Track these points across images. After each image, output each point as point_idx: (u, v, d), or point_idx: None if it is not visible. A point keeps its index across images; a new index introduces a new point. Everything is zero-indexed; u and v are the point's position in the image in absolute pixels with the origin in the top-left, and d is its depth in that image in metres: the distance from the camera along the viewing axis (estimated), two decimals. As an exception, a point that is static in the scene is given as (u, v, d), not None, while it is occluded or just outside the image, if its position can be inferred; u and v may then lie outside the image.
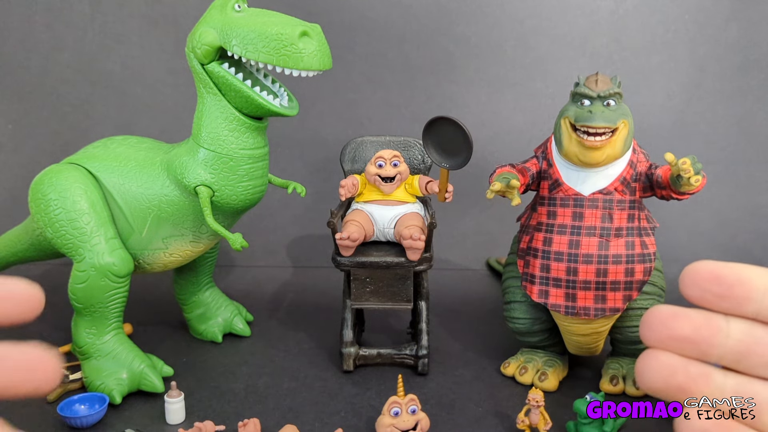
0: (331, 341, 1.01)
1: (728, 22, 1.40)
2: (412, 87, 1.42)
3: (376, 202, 0.93)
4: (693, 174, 0.71)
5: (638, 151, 0.80)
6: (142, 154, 0.88)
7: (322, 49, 0.76)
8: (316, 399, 0.84)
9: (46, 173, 0.86)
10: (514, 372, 0.89)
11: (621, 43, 1.41)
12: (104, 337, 0.85)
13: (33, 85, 1.44)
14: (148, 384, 0.84)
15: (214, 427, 0.75)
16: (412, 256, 0.85)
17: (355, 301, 0.89)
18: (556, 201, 0.81)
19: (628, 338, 0.84)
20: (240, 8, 0.78)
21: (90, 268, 0.82)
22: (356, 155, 1.00)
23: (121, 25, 1.42)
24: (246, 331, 1.04)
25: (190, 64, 0.80)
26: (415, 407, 0.73)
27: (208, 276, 1.04)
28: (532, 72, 1.42)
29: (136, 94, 1.44)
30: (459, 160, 0.81)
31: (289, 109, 0.82)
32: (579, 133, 0.76)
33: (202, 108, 0.82)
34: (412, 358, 0.91)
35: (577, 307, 0.80)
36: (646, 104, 1.41)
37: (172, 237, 0.87)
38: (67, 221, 0.83)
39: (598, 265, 0.78)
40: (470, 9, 1.41)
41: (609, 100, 0.76)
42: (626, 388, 0.85)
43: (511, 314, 0.89)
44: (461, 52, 1.42)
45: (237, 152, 0.81)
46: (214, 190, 0.82)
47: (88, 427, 0.77)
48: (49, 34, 1.43)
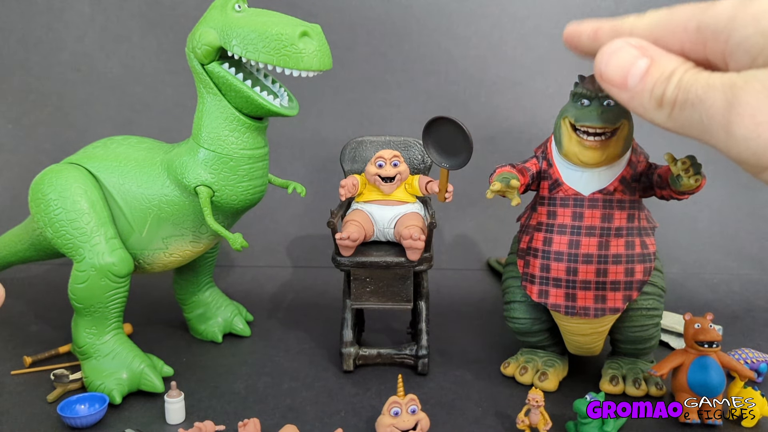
0: (331, 341, 1.01)
1: (728, 22, 1.40)
2: (412, 87, 1.42)
3: (376, 202, 0.93)
4: (693, 174, 0.71)
5: (638, 151, 0.80)
6: (142, 154, 0.88)
7: (322, 50, 0.76)
8: (316, 399, 0.84)
9: (46, 173, 0.86)
10: (514, 372, 0.90)
11: (621, 43, 1.41)
12: (104, 337, 0.85)
13: (33, 85, 1.44)
14: (148, 384, 0.84)
15: (214, 427, 0.75)
16: (412, 256, 0.85)
17: (355, 301, 0.90)
18: (556, 201, 0.81)
19: (628, 338, 0.84)
20: (240, 8, 0.78)
21: (90, 268, 0.82)
22: (356, 155, 1.00)
23: (121, 25, 1.42)
24: (246, 331, 1.04)
25: (190, 64, 0.80)
26: (415, 407, 0.73)
27: (208, 276, 1.04)
28: (532, 72, 1.42)
29: (136, 94, 1.44)
30: (459, 160, 0.81)
31: (289, 109, 0.82)
32: (579, 133, 0.76)
33: (202, 108, 0.82)
34: (412, 358, 0.91)
35: (577, 307, 0.80)
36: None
37: (172, 237, 0.87)
38: (67, 221, 0.83)
39: (598, 265, 0.78)
40: (470, 9, 1.41)
41: (609, 100, 0.76)
42: (626, 388, 0.85)
43: (511, 314, 0.89)
44: (461, 52, 1.42)
45: (237, 152, 0.81)
46: (214, 190, 0.82)
47: (88, 427, 0.77)
48: (49, 34, 1.43)
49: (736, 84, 0.42)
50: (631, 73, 0.51)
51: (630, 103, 0.51)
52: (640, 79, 0.50)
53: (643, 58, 0.51)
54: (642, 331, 0.83)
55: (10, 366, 0.93)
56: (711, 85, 0.44)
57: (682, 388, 0.77)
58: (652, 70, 0.50)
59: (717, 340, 0.77)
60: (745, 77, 0.41)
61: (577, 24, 0.50)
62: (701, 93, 0.45)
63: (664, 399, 0.83)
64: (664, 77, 0.48)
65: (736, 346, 0.97)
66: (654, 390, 0.84)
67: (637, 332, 0.83)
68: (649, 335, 0.84)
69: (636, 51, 0.51)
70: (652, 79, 0.50)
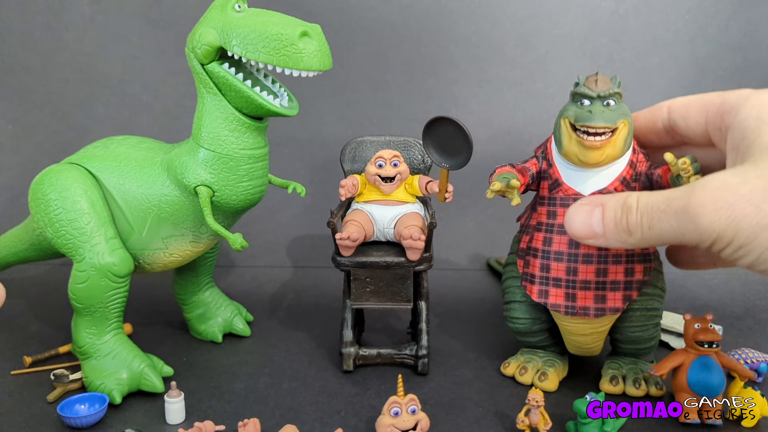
0: (331, 341, 1.01)
1: (728, 23, 1.40)
2: (412, 87, 1.42)
3: (376, 202, 0.93)
4: (692, 173, 0.71)
5: (638, 151, 0.80)
6: (142, 154, 0.88)
7: (322, 49, 0.76)
8: (316, 399, 0.84)
9: (46, 173, 0.86)
10: (514, 372, 0.90)
11: (621, 43, 1.41)
12: (104, 337, 0.85)
13: (33, 85, 1.44)
14: (148, 384, 0.84)
15: (214, 427, 0.75)
16: (412, 256, 0.85)
17: (355, 301, 0.90)
18: (556, 201, 0.81)
19: (628, 338, 0.84)
20: (240, 8, 0.78)
21: (90, 268, 0.82)
22: (356, 155, 1.00)
23: (121, 25, 1.42)
24: (246, 331, 1.04)
25: (190, 64, 0.80)
26: (415, 407, 0.73)
27: (208, 276, 1.04)
28: (532, 72, 1.42)
29: (136, 94, 1.44)
30: (459, 160, 0.81)
31: (289, 109, 0.82)
32: (579, 132, 0.76)
33: (202, 108, 0.82)
34: (412, 358, 0.91)
35: (577, 306, 0.80)
36: (646, 104, 1.41)
37: (172, 237, 0.87)
38: (67, 221, 0.83)
39: (597, 264, 0.78)
40: (470, 9, 1.41)
41: (609, 100, 0.76)
42: (626, 388, 0.85)
43: (511, 314, 0.89)
44: (461, 52, 1.42)
45: (237, 152, 0.81)
46: (214, 190, 0.82)
47: (88, 427, 0.77)
48: (49, 34, 1.43)
49: (695, 187, 0.54)
50: (593, 223, 0.64)
51: (608, 244, 0.64)
52: (602, 223, 0.64)
53: (596, 208, 0.66)
54: (642, 331, 0.84)
55: (10, 366, 0.93)
56: (671, 197, 0.57)
57: (682, 388, 0.77)
58: (606, 212, 0.63)
59: (717, 340, 0.77)
60: (701, 182, 0.54)
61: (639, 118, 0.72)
62: (664, 207, 0.57)
63: (664, 399, 0.83)
64: (620, 211, 0.61)
65: (736, 346, 0.97)
66: (654, 390, 0.84)
67: (637, 332, 0.83)
68: (649, 335, 0.84)
69: (588, 206, 0.65)
70: (611, 217, 0.62)
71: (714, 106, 0.66)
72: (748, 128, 0.57)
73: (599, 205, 0.64)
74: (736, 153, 0.58)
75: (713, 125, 0.66)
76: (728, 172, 0.54)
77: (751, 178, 0.52)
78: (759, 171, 0.52)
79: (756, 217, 0.50)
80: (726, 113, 0.63)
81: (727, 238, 0.52)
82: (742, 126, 0.58)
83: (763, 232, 0.50)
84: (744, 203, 0.51)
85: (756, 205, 0.51)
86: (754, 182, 0.51)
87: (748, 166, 0.54)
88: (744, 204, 0.51)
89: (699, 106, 0.69)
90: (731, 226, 0.51)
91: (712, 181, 0.53)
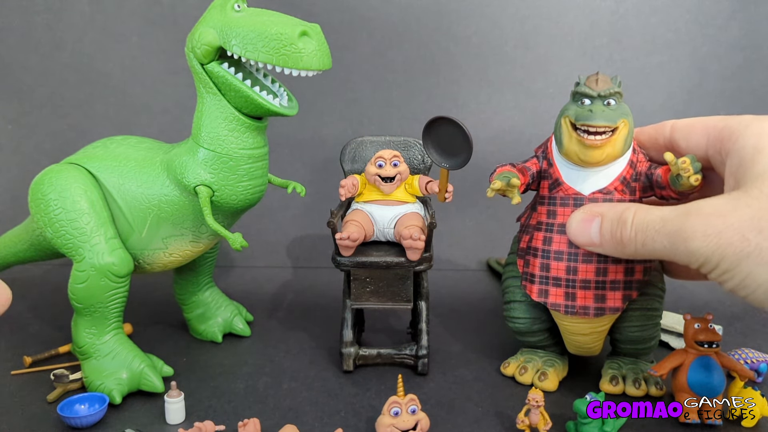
0: (331, 341, 1.01)
1: (729, 22, 1.40)
2: (412, 87, 1.42)
3: (376, 202, 0.93)
4: (693, 173, 0.71)
5: (638, 150, 0.80)
6: (142, 154, 0.88)
7: (322, 49, 0.76)
8: (316, 399, 0.84)
9: (46, 173, 0.86)
10: (514, 372, 0.89)
11: (621, 43, 1.41)
12: (104, 337, 0.85)
13: (33, 85, 1.44)
14: (148, 384, 0.84)
15: (214, 427, 0.75)
16: (412, 256, 0.85)
17: (355, 301, 0.89)
18: (556, 200, 0.81)
19: (628, 338, 0.84)
20: (240, 8, 0.78)
21: (90, 268, 0.82)
22: (356, 155, 1.00)
23: (121, 25, 1.42)
24: (246, 331, 1.04)
25: (190, 64, 0.80)
26: (415, 407, 0.73)
27: (208, 276, 1.04)
28: (532, 72, 1.42)
29: (136, 94, 1.44)
30: (459, 160, 0.81)
31: (289, 109, 0.82)
32: (579, 132, 0.76)
33: (201, 108, 0.82)
34: (412, 358, 0.91)
35: (577, 306, 0.80)
36: (646, 104, 1.41)
37: (172, 237, 0.87)
38: (67, 221, 0.83)
39: (597, 264, 0.78)
40: (470, 9, 1.41)
41: (609, 100, 0.76)
42: (626, 388, 0.85)
43: (511, 314, 0.89)
44: (461, 52, 1.42)
45: (237, 152, 0.81)
46: (213, 190, 0.82)
47: (88, 427, 0.77)
48: (49, 34, 1.43)
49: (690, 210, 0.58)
50: (591, 233, 0.69)
51: (605, 252, 0.69)
52: (599, 233, 0.68)
53: (596, 217, 0.69)
54: (642, 331, 0.83)
55: (10, 366, 0.93)
56: (666, 218, 0.60)
57: (682, 388, 0.77)
58: (604, 223, 0.67)
59: (717, 340, 0.77)
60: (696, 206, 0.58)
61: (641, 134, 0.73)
62: (659, 227, 0.60)
63: (664, 399, 0.83)
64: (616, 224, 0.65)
65: (736, 346, 0.97)
66: (654, 390, 0.84)
67: (637, 332, 0.83)
68: (649, 335, 0.84)
69: (589, 215, 0.69)
70: (607, 228, 0.66)
71: (716, 130, 0.69)
72: (745, 156, 0.61)
73: (599, 214, 0.67)
74: (732, 179, 0.62)
75: (714, 149, 0.69)
76: (722, 199, 0.58)
77: (742, 206, 0.56)
78: (749, 199, 0.56)
79: (740, 245, 0.55)
80: (726, 139, 0.66)
81: (713, 263, 0.57)
82: (740, 153, 0.61)
83: (745, 260, 0.55)
84: (731, 232, 0.55)
85: (742, 234, 0.55)
86: (744, 211, 0.55)
87: (741, 193, 0.58)
88: (731, 233, 0.55)
89: (701, 128, 0.71)
90: (717, 253, 0.56)
91: (705, 207, 0.57)
